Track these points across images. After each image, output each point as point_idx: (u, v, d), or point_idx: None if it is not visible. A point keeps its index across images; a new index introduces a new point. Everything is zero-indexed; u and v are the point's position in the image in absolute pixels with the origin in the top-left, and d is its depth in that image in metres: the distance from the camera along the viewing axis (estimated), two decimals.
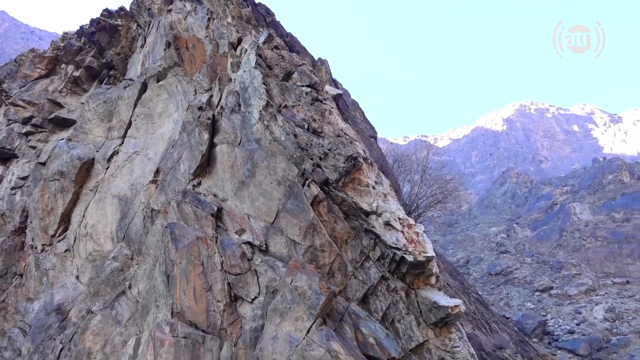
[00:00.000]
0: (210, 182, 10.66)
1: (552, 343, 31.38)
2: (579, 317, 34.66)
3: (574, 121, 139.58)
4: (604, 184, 58.97)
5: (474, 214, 75.51)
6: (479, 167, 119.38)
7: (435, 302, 8.94)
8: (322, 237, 8.82)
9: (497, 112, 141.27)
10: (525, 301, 39.20)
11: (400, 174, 23.84)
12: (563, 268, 42.99)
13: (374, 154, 15.41)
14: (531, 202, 68.64)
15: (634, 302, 36.03)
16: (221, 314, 8.88)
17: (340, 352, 7.29)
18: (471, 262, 51.14)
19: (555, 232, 53.41)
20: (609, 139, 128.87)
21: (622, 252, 44.42)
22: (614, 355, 29.37)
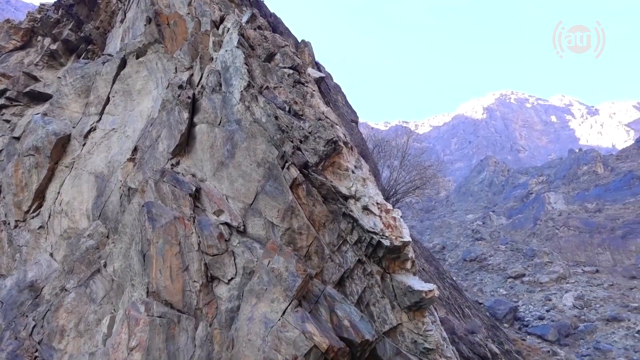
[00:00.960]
0: (189, 161, 10.57)
1: (522, 328, 32.16)
2: (549, 303, 35.54)
3: (552, 112, 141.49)
4: (579, 175, 60.14)
5: (451, 200, 76.39)
6: (458, 154, 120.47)
7: (410, 287, 9.07)
8: (300, 220, 8.85)
9: (477, 101, 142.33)
10: (498, 287, 40.01)
11: (380, 159, 23.94)
12: (536, 256, 43.91)
13: (354, 138, 15.43)
14: (507, 190, 69.69)
15: (602, 290, 37.07)
16: (197, 294, 8.89)
17: (315, 333, 7.37)
18: (447, 248, 51.89)
19: (529, 220, 54.41)
20: (586, 131, 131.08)
21: (593, 242, 45.51)
22: (581, 341, 30.25)
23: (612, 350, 28.57)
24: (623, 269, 41.37)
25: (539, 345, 29.16)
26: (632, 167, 55.79)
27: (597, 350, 28.80)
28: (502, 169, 79.64)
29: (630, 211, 47.04)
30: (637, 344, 28.84)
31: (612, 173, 56.94)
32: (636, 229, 43.86)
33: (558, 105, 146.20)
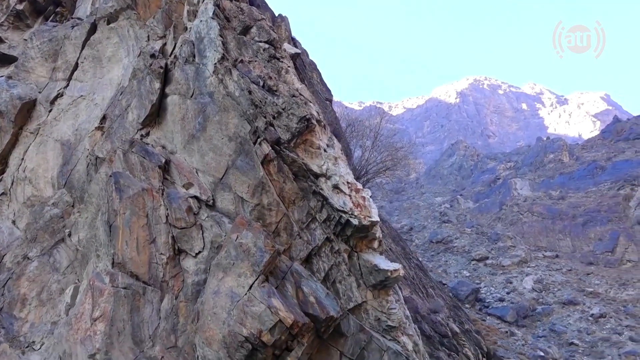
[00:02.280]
0: (159, 133, 10.40)
1: (482, 309, 33.11)
2: (509, 286, 36.62)
3: (523, 99, 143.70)
4: (545, 163, 61.56)
5: (421, 183, 77.29)
6: (429, 137, 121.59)
7: (376, 265, 9.22)
8: (270, 196, 8.85)
9: (451, 85, 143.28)
10: (462, 269, 40.96)
11: (353, 138, 23.98)
12: (499, 240, 45.02)
13: (327, 116, 15.41)
14: (476, 175, 70.88)
15: (561, 275, 38.35)
16: (164, 267, 8.85)
17: (280, 308, 7.45)
18: (414, 229, 52.68)
19: (495, 205, 55.58)
20: (554, 120, 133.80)
21: (554, 228, 46.88)
22: (538, 323, 31.36)
23: (566, 332, 29.73)
24: (581, 255, 42.83)
25: (497, 325, 30.11)
26: (596, 157, 57.37)
27: (552, 331, 29.92)
28: (472, 154, 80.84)
29: (592, 200, 48.52)
30: (590, 326, 30.06)
31: (577, 162, 58.47)
32: (596, 217, 45.32)
33: (529, 93, 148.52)
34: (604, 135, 69.33)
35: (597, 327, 29.87)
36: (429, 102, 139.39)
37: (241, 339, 7.36)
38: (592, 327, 29.95)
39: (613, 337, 28.26)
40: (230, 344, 7.43)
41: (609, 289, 35.47)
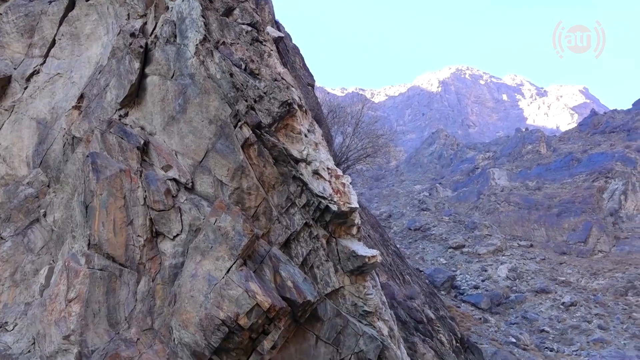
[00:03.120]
0: (138, 114, 10.24)
1: (458, 296, 33.69)
2: (484, 274, 37.27)
3: (504, 90, 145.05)
4: (523, 153, 62.44)
5: (401, 170, 77.80)
6: (410, 125, 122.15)
7: (354, 251, 9.30)
8: (249, 180, 8.82)
9: (434, 74, 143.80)
10: (439, 256, 41.52)
11: (334, 124, 23.96)
12: (476, 228, 45.67)
13: (309, 102, 15.36)
14: (455, 164, 71.58)
15: (534, 264, 39.15)
16: (141, 249, 8.79)
17: (257, 292, 7.47)
18: (393, 216, 53.11)
19: (473, 194, 56.29)
20: (533, 111, 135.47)
21: (530, 218, 47.72)
22: (511, 310, 32.06)
23: (538, 319, 30.45)
24: (555, 245, 43.75)
25: (471, 312, 30.70)
26: (572, 149, 58.35)
27: (524, 319, 30.61)
28: (452, 143, 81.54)
29: (567, 191, 49.44)
30: (560, 314, 30.83)
31: (554, 154, 59.43)
32: (570, 208, 46.23)
33: (510, 84, 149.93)
34: (581, 128, 70.52)
35: (568, 315, 30.65)
36: (411, 90, 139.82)
37: (218, 322, 7.38)
38: (562, 315, 30.72)
39: (582, 325, 29.04)
40: (207, 327, 7.44)
41: (580, 278, 36.37)
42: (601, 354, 25.24)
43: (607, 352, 25.39)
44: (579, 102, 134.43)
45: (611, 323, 29.27)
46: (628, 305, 31.85)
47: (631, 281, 34.62)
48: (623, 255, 39.88)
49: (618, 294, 33.64)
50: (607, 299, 32.79)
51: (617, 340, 27.10)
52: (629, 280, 34.82)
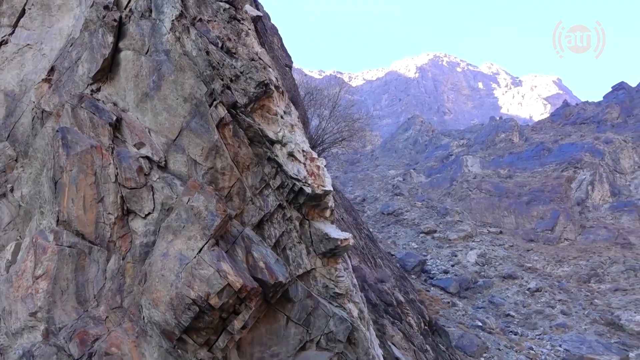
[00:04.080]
0: (111, 89, 10.02)
1: (427, 280, 34.32)
2: (454, 259, 38.01)
3: (480, 78, 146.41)
4: (496, 142, 63.38)
5: (376, 155, 78.25)
6: (387, 110, 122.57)
7: (326, 234, 9.36)
8: (224, 160, 8.76)
9: (412, 59, 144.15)
10: (411, 241, 42.12)
11: (311, 107, 23.87)
12: (448, 214, 46.38)
13: (286, 83, 15.25)
14: (430, 150, 72.32)
15: (503, 250, 40.04)
16: (111, 227, 8.68)
17: (229, 272, 7.48)
18: (367, 200, 53.51)
19: (446, 180, 57.04)
20: (508, 100, 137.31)
21: (500, 205, 48.66)
22: (478, 295, 32.84)
23: (504, 304, 31.27)
24: (523, 232, 44.78)
25: (440, 296, 31.33)
26: (544, 139, 59.47)
27: (491, 303, 31.40)
28: (427, 129, 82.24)
29: (537, 180, 50.50)
30: (526, 299, 31.71)
31: (526, 143, 60.50)
32: (539, 197, 47.28)
33: (486, 73, 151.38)
34: (553, 118, 71.86)
35: (533, 300, 31.56)
36: (388, 75, 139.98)
37: (189, 301, 7.37)
38: (528, 300, 31.61)
39: (546, 310, 29.95)
40: (178, 306, 7.43)
41: (546, 265, 37.40)
42: (563, 339, 26.12)
43: (569, 337, 26.28)
44: (552, 93, 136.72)
45: (573, 309, 30.27)
46: (590, 292, 32.94)
47: (594, 269, 35.77)
48: (588, 244, 41.11)
49: (581, 281, 34.74)
50: (570, 286, 33.84)
51: (579, 325, 28.06)
52: (592, 267, 35.97)
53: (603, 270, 35.57)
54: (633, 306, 29.71)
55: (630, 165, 51.34)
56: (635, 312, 28.74)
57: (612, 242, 40.53)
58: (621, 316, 28.40)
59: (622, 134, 55.65)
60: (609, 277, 34.83)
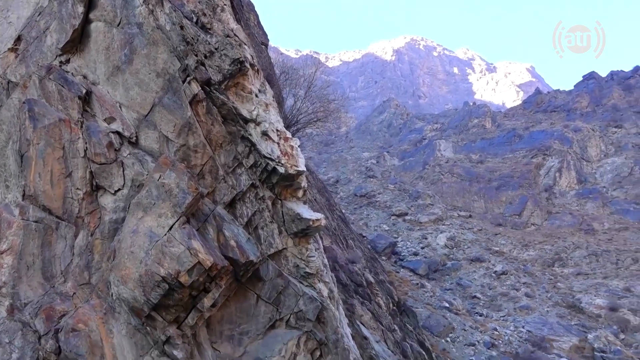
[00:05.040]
0: (80, 61, 9.75)
1: (398, 262, 34.85)
2: (424, 241, 38.62)
3: (455, 63, 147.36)
4: (469, 127, 64.16)
5: (350, 137, 78.44)
6: (363, 92, 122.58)
7: (298, 214, 9.39)
8: (196, 138, 8.66)
9: (389, 42, 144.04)
10: (382, 223, 42.58)
11: (286, 86, 23.66)
12: (419, 197, 46.95)
13: (262, 61, 15.07)
14: (404, 133, 72.82)
15: (472, 233, 40.83)
16: (80, 202, 8.53)
17: (200, 250, 7.45)
18: (340, 182, 53.74)
19: (419, 164, 57.63)
20: (482, 86, 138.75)
21: (471, 190, 49.47)
22: (447, 277, 33.53)
23: (471, 286, 32.01)
24: (492, 217, 45.73)
25: (410, 278, 31.88)
26: (515, 126, 60.45)
27: (459, 285, 32.12)
28: (402, 113, 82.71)
29: (507, 165, 51.46)
30: (492, 282, 32.52)
31: (498, 129, 61.45)
32: (509, 182, 48.22)
33: (462, 58, 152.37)
34: (525, 106, 73.06)
35: (499, 283, 32.42)
36: (365, 57, 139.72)
37: (158, 278, 7.33)
38: (494, 282, 32.45)
39: (511, 293, 30.81)
40: (147, 283, 7.38)
41: (513, 249, 38.35)
42: (526, 320, 26.96)
43: (531, 318, 27.14)
44: (525, 80, 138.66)
45: (537, 292, 31.21)
46: (554, 276, 33.98)
47: (558, 253, 36.85)
48: (553, 229, 42.27)
49: (545, 265, 35.80)
50: (535, 269, 34.84)
51: (541, 307, 28.97)
52: (557, 252, 37.04)
53: (567, 255, 36.70)
54: (593, 290, 30.79)
55: (596, 154, 52.76)
56: (595, 295, 29.81)
57: (576, 227, 41.78)
58: (582, 299, 29.43)
59: (591, 123, 57.02)
60: (572, 261, 35.97)
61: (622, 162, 49.93)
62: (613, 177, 48.85)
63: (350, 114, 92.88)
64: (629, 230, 40.38)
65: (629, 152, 50.93)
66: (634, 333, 25.82)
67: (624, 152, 51.41)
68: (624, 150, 51.81)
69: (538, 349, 23.01)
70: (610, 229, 41.19)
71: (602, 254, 36.10)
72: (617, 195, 46.26)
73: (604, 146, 53.52)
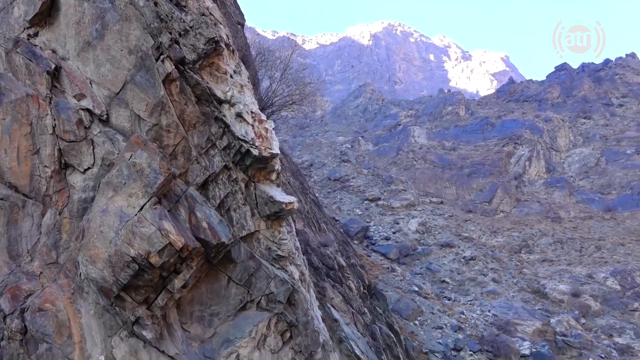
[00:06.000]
0: (49, 35, 9.46)
1: (369, 246, 35.19)
2: (396, 226, 39.05)
3: (432, 50, 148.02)
4: (443, 114, 64.74)
5: (326, 121, 78.34)
6: (339, 76, 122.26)
7: (271, 197, 9.39)
8: (169, 117, 8.52)
9: (366, 26, 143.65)
10: (355, 207, 42.85)
11: (262, 68, 23.40)
12: (392, 183, 47.34)
13: (238, 41, 14.88)
14: (379, 119, 73.06)
15: (443, 219, 41.46)
16: (47, 180, 8.35)
17: (171, 231, 7.40)
18: (315, 165, 53.75)
19: (393, 150, 58.01)
20: (457, 74, 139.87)
21: (443, 176, 50.11)
22: (417, 262, 34.03)
23: (440, 271, 32.59)
24: (463, 203, 46.47)
25: (381, 262, 32.26)
26: (488, 114, 61.25)
27: (428, 270, 32.65)
28: (378, 98, 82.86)
29: (479, 153, 52.22)
30: (460, 267, 33.16)
31: (472, 117, 62.17)
32: (480, 170, 48.99)
33: (438, 45, 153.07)
34: (498, 94, 73.99)
35: (467, 268, 33.07)
36: (342, 41, 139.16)
37: (128, 259, 7.26)
38: (462, 268, 33.09)
39: (479, 278, 31.49)
40: (116, 264, 7.31)
41: (482, 235, 39.11)
42: (492, 304, 27.64)
43: (497, 303, 27.83)
44: (499, 69, 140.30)
45: (504, 277, 31.97)
46: (520, 262, 34.83)
47: (525, 240, 37.75)
48: (521, 217, 43.22)
49: (513, 251, 36.65)
50: (502, 255, 35.64)
51: (507, 292, 29.72)
52: (524, 239, 37.94)
53: (533, 241, 37.62)
54: (557, 276, 31.71)
55: (565, 144, 53.94)
56: (558, 281, 30.72)
57: (543, 215, 42.80)
58: (546, 285, 30.29)
59: (561, 113, 58.16)
60: (538, 248, 36.91)
61: (589, 152, 51.18)
62: (580, 167, 50.08)
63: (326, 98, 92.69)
64: (593, 219, 41.57)
65: (596, 143, 52.20)
66: (594, 318, 26.76)
67: (591, 143, 52.67)
68: (592, 141, 53.08)
69: (503, 332, 23.66)
70: (575, 217, 42.34)
71: (567, 241, 37.14)
72: (584, 185, 47.50)
73: (573, 137, 54.74)
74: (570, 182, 47.99)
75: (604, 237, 37.48)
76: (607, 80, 62.96)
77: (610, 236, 37.49)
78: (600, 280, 30.77)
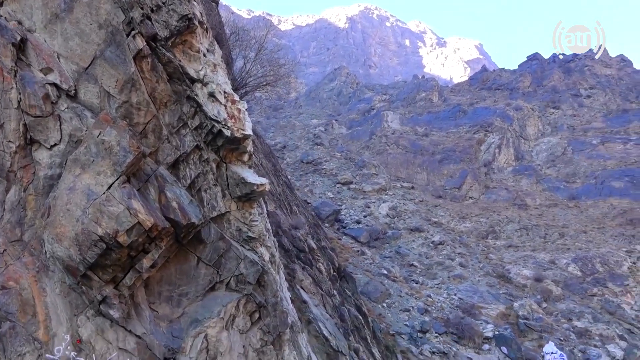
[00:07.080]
0: (15, 5, 9.11)
1: (340, 229, 35.46)
2: (367, 210, 39.40)
3: (407, 36, 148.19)
4: (417, 100, 65.13)
5: (300, 103, 77.98)
6: (314, 59, 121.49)
7: (243, 178, 9.35)
8: (140, 95, 8.35)
9: (343, 9, 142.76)
10: (327, 191, 43.01)
11: (236, 47, 23.04)
12: (365, 167, 47.62)
13: (211, 19, 14.62)
14: (353, 102, 73.09)
15: (413, 204, 41.98)
16: (12, 156, 8.12)
17: (140, 211, 7.31)
18: (288, 147, 53.61)
19: (366, 134, 58.22)
20: (431, 60, 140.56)
21: (415, 162, 50.60)
22: (387, 245, 34.48)
23: (409, 255, 33.10)
24: (433, 189, 47.11)
25: (351, 245, 32.57)
26: (460, 101, 61.91)
27: (397, 253, 33.13)
28: (352, 82, 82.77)
29: (451, 140, 52.85)
30: (429, 251, 33.74)
31: (444, 103, 62.76)
32: (451, 156, 49.63)
33: (413, 31, 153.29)
34: (471, 82, 74.78)
35: (435, 252, 33.67)
36: (318, 23, 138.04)
37: (95, 237, 7.16)
38: (431, 252, 33.68)
39: (446, 262, 32.12)
40: (83, 242, 7.20)
41: (451, 220, 39.79)
42: (458, 288, 28.29)
43: (463, 287, 28.50)
44: (473, 57, 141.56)
45: (470, 262, 32.71)
46: (487, 247, 35.65)
47: (492, 226, 38.60)
48: (489, 203, 44.11)
49: (480, 237, 37.46)
50: (470, 241, 36.40)
51: (473, 276, 30.44)
52: (491, 225, 38.79)
53: (500, 228, 38.50)
54: (522, 261, 32.61)
55: (534, 133, 55.05)
56: (523, 266, 31.60)
57: (510, 202, 43.78)
58: (511, 270, 31.13)
59: (531, 102, 59.20)
60: (504, 234, 37.81)
61: (557, 141, 52.36)
62: (547, 155, 51.23)
63: (301, 80, 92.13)
64: (558, 207, 42.73)
65: (563, 133, 53.42)
66: (555, 302, 27.68)
67: (559, 133, 53.88)
68: (560, 130, 54.29)
69: (468, 315, 24.29)
70: (541, 204, 43.44)
71: (532, 228, 38.12)
72: (550, 173, 48.67)
73: (542, 126, 55.87)
74: (537, 170, 49.11)
75: (567, 224, 38.60)
76: (577, 71, 64.25)
77: (573, 224, 38.65)
78: (562, 266, 31.78)
